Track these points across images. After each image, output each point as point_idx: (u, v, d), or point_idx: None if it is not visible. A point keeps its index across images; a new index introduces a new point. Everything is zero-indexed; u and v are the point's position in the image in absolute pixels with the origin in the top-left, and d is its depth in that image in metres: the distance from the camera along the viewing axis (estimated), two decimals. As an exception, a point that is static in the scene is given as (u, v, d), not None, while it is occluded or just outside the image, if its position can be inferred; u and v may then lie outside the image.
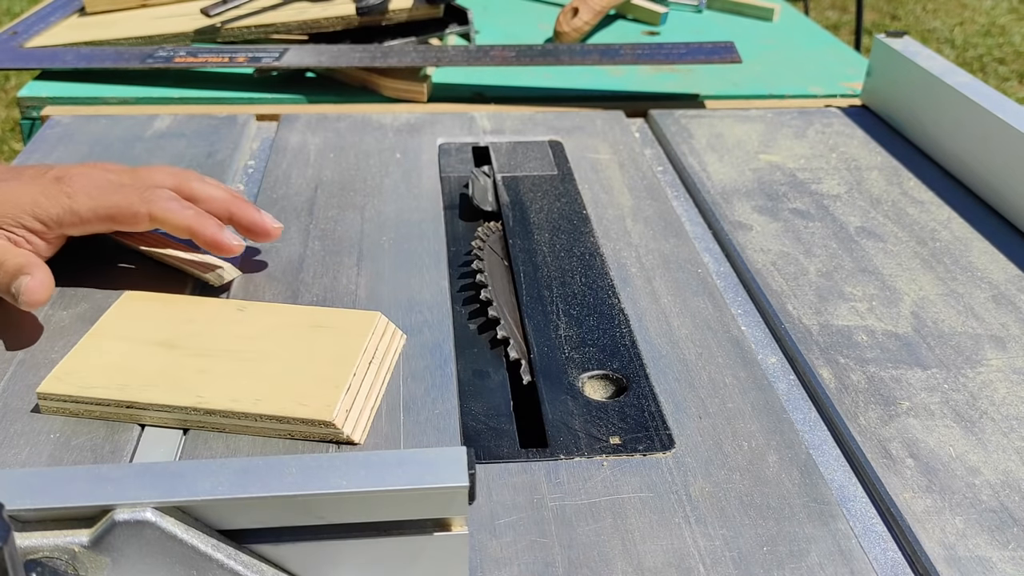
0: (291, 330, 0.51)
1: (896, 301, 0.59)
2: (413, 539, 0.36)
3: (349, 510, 0.35)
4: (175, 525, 0.34)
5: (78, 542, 0.33)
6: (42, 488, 0.34)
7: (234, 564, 0.35)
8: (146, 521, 0.33)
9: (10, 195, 0.54)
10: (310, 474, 0.35)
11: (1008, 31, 3.37)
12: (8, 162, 2.46)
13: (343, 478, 0.35)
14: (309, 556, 0.36)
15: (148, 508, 0.33)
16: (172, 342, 0.50)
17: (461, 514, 0.36)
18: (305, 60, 0.88)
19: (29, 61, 0.90)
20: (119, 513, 0.33)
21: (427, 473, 0.35)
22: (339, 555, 0.37)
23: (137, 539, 0.34)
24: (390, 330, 0.52)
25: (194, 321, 0.52)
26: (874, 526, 0.44)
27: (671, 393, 0.51)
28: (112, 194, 0.55)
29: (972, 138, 0.73)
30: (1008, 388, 0.52)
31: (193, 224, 0.56)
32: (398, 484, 0.35)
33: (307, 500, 0.34)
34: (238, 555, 0.35)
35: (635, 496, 0.44)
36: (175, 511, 0.34)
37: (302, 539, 0.36)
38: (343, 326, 0.51)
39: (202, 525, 0.35)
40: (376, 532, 0.36)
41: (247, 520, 0.35)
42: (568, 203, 0.70)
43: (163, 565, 0.34)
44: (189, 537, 0.34)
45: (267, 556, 0.36)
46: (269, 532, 0.36)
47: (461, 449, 0.36)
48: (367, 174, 0.73)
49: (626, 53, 0.90)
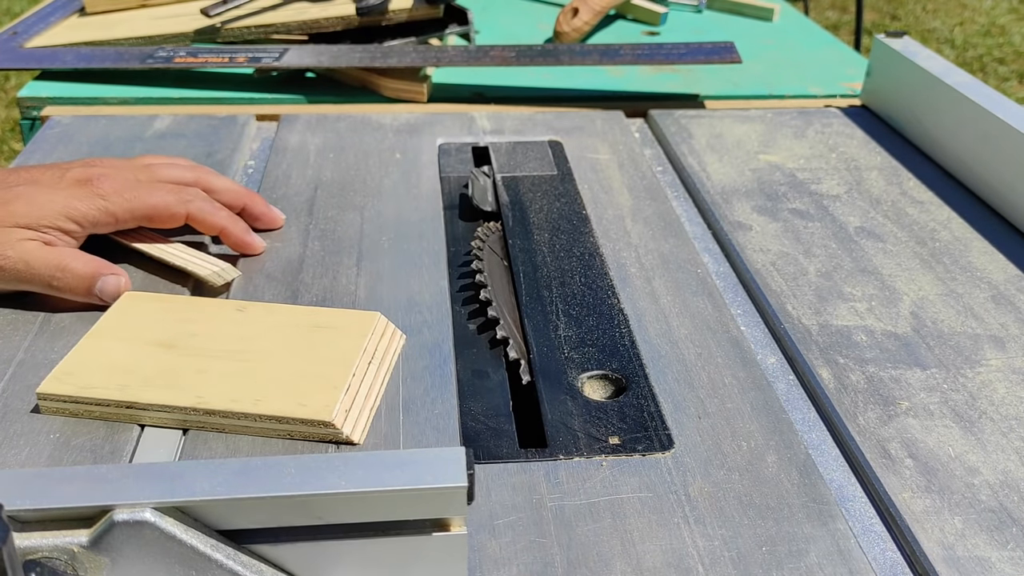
0: (291, 330, 0.51)
1: (895, 301, 0.59)
2: (412, 539, 0.36)
3: (347, 510, 0.35)
4: (174, 525, 0.34)
5: (77, 542, 0.33)
6: (41, 488, 0.34)
7: (233, 564, 0.35)
8: (145, 521, 0.33)
9: (40, 199, 0.55)
10: (308, 474, 0.35)
11: (1008, 31, 3.37)
12: (8, 162, 2.45)
13: (341, 478, 0.35)
14: (308, 556, 0.36)
15: (147, 508, 0.33)
16: (172, 342, 0.50)
17: (460, 514, 0.36)
18: (305, 60, 0.88)
19: (29, 61, 0.90)
20: (118, 513, 0.33)
21: (426, 473, 0.35)
22: (338, 555, 0.36)
23: (136, 539, 0.34)
24: (389, 330, 0.52)
25: (194, 321, 0.52)
26: (873, 526, 0.44)
27: (670, 393, 0.51)
28: (147, 195, 0.57)
29: (972, 138, 0.73)
30: (1007, 388, 0.52)
31: (227, 225, 0.60)
32: (396, 484, 0.35)
33: (305, 500, 0.34)
34: (237, 555, 0.35)
35: (634, 496, 0.44)
36: (174, 511, 0.34)
37: (301, 539, 0.36)
38: (343, 326, 0.51)
39: (201, 525, 0.35)
40: (375, 532, 0.36)
41: (246, 520, 0.35)
42: (568, 203, 0.70)
43: (162, 565, 0.34)
44: (188, 537, 0.34)
45: (266, 556, 0.36)
46: (268, 532, 0.36)
47: (460, 449, 0.36)
48: (367, 174, 0.73)
49: (626, 53, 0.90)
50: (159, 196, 0.57)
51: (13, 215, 0.53)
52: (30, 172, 0.57)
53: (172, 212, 0.58)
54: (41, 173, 0.57)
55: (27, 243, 0.53)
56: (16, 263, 0.53)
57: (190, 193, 0.59)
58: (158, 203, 0.57)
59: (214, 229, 0.60)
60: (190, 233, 0.62)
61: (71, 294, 0.54)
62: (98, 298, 0.54)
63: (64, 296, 0.54)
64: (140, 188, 0.57)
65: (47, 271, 0.53)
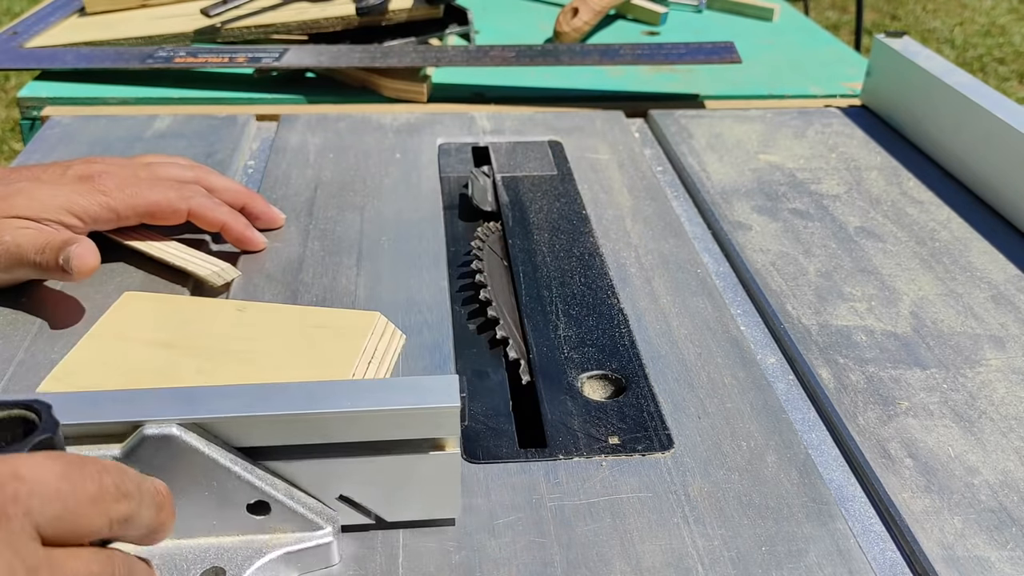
0: (290, 330, 0.51)
1: (895, 301, 0.59)
2: (410, 458, 0.40)
3: (352, 429, 0.38)
4: (196, 440, 0.37)
5: (111, 454, 0.36)
6: (80, 408, 0.36)
7: (250, 476, 0.38)
8: (171, 435, 0.36)
9: (42, 195, 0.54)
10: (317, 396, 0.38)
11: (1008, 31, 3.37)
12: (8, 162, 2.45)
13: (347, 399, 0.38)
14: (317, 472, 0.39)
15: (173, 424, 0.36)
16: (171, 342, 0.50)
17: (454, 435, 0.39)
18: (305, 60, 0.88)
19: (29, 61, 0.90)
20: (147, 428, 0.36)
21: (423, 396, 0.38)
22: (344, 472, 0.40)
23: (163, 452, 0.37)
24: (389, 330, 0.52)
25: (193, 321, 0.52)
26: (873, 526, 0.44)
27: (670, 393, 0.51)
28: (148, 191, 0.57)
29: (972, 138, 0.73)
30: (1007, 388, 0.52)
31: (228, 221, 0.60)
32: (397, 405, 0.38)
33: (314, 419, 0.38)
34: (253, 469, 0.38)
35: (634, 496, 0.44)
36: (197, 427, 0.37)
37: (310, 456, 0.39)
38: (342, 326, 0.51)
39: (221, 441, 0.38)
40: (377, 451, 0.39)
41: (261, 438, 0.38)
42: (568, 203, 0.70)
43: (187, 476, 0.37)
44: (209, 451, 0.37)
45: (279, 472, 0.39)
46: (281, 450, 0.39)
47: (453, 376, 0.39)
48: (367, 174, 0.73)
49: (626, 53, 0.90)
50: (160, 192, 0.57)
51: (13, 207, 0.53)
52: (31, 170, 0.58)
53: (174, 208, 0.58)
54: (43, 171, 0.57)
55: (25, 230, 0.53)
56: (10, 246, 0.53)
57: (191, 190, 0.59)
58: (160, 199, 0.57)
59: (215, 225, 0.60)
60: (191, 232, 0.62)
61: (48, 270, 0.53)
62: (61, 270, 0.52)
63: (50, 275, 0.54)
64: (141, 184, 0.57)
65: (33, 249, 0.52)
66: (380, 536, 0.42)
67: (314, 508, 0.40)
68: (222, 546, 0.39)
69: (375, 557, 0.41)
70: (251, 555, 0.39)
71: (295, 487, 0.40)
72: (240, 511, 0.39)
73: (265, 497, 0.38)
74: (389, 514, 0.41)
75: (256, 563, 0.39)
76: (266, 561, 0.39)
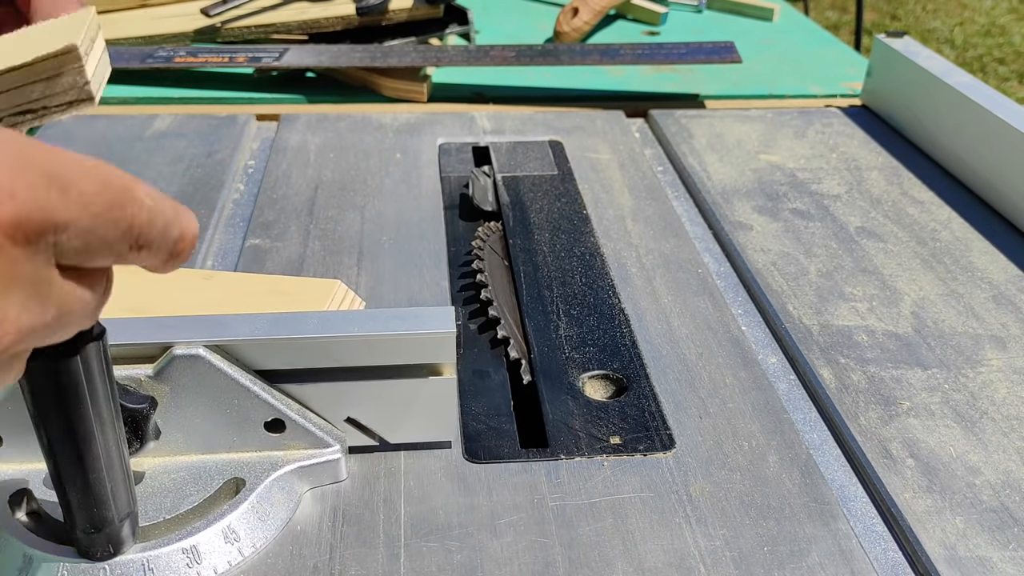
0: (253, 297, 0.53)
1: (896, 301, 0.59)
2: (411, 382, 0.44)
3: (358, 353, 0.42)
4: (220, 361, 0.41)
5: (144, 374, 0.41)
6: (117, 331, 0.40)
7: (267, 396, 0.42)
8: (198, 356, 0.41)
9: None
10: (327, 323, 0.42)
11: (1008, 31, 3.37)
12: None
13: (354, 325, 0.42)
14: (326, 395, 0.44)
15: (199, 346, 0.41)
16: (138, 308, 0.50)
17: (450, 361, 0.43)
18: (305, 60, 0.88)
19: (29, 61, 0.90)
20: (177, 349, 0.40)
21: (423, 323, 0.42)
22: (350, 395, 0.44)
23: (191, 371, 0.41)
24: (349, 296, 0.53)
25: (160, 289, 0.52)
26: (874, 526, 0.44)
27: (671, 393, 0.51)
28: None
29: (972, 138, 0.73)
30: (1008, 388, 0.52)
31: None
32: (399, 330, 0.42)
33: (325, 343, 0.42)
34: (270, 390, 0.42)
35: (635, 496, 0.44)
36: (220, 350, 0.41)
37: (321, 380, 0.43)
38: (303, 293, 0.52)
39: (242, 364, 0.42)
40: (380, 375, 0.43)
41: (277, 361, 0.42)
42: (568, 203, 0.70)
43: (211, 394, 0.42)
44: (232, 371, 0.41)
45: (293, 394, 0.43)
46: (294, 374, 0.43)
47: (450, 308, 0.44)
48: (367, 174, 0.73)
49: (626, 53, 0.90)
50: None
51: None
52: None
53: None
54: None
55: None
56: None
57: None
58: None
59: None
60: None
61: None
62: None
63: None
64: None
65: None
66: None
67: (324, 427, 0.44)
68: (242, 460, 0.43)
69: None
70: (268, 468, 0.43)
71: (307, 408, 0.44)
72: (258, 428, 0.43)
73: (280, 415, 0.42)
74: (392, 435, 0.45)
75: (272, 475, 0.42)
76: (281, 474, 0.43)
